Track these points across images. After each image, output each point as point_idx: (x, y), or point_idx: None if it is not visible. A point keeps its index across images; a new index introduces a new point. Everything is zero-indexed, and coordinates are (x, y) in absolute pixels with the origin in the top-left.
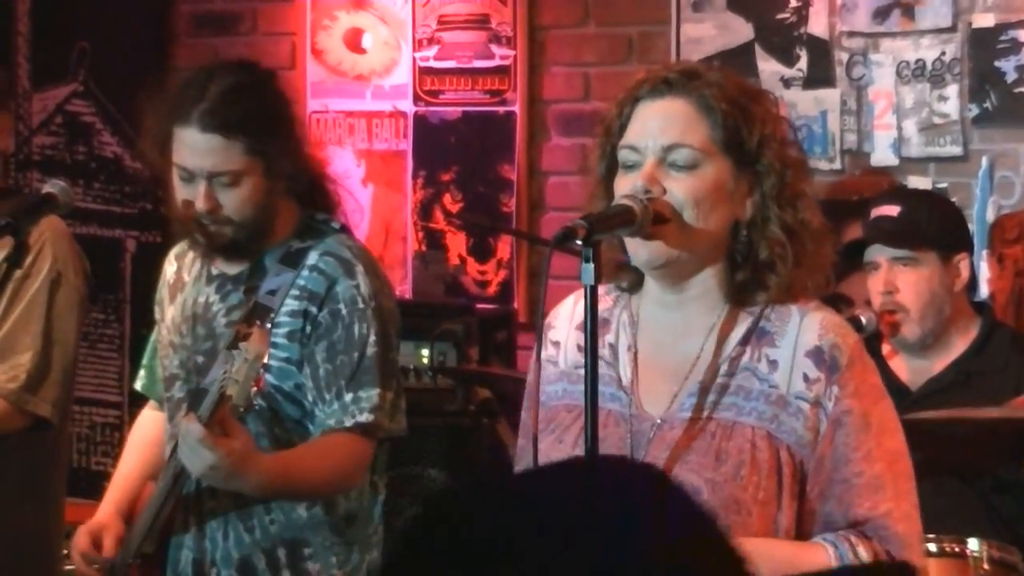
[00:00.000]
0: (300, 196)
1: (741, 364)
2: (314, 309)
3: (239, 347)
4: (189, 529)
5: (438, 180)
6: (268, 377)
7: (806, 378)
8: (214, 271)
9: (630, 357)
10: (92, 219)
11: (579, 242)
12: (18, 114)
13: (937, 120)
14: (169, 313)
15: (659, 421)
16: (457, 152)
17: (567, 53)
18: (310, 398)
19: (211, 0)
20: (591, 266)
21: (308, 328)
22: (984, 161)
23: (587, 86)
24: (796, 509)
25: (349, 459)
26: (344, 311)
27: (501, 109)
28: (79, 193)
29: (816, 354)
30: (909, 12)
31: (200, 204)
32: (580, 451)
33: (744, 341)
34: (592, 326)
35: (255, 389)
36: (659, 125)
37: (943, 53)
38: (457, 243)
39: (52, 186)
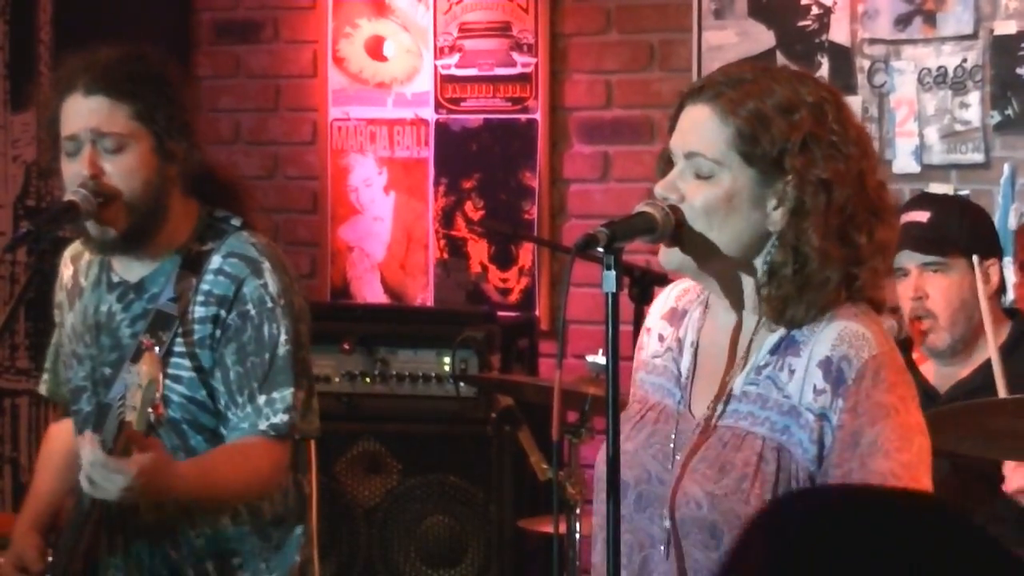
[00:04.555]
0: (201, 195)
1: (766, 372)
2: (223, 312)
3: (131, 372)
4: (116, 551)
5: (460, 188)
6: (180, 388)
7: (815, 389)
8: (114, 278)
9: (691, 353)
10: None
11: (600, 249)
12: (40, 122)
13: (959, 127)
14: (69, 320)
15: (697, 425)
16: (479, 160)
17: (589, 60)
18: (223, 402)
19: (233, 8)
20: (612, 273)
21: (218, 332)
22: (1006, 168)
23: (609, 93)
24: None
25: (265, 463)
26: (253, 311)
27: (523, 117)
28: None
29: (825, 365)
30: (931, 19)
31: (83, 167)
32: (631, 443)
33: (774, 350)
34: (614, 334)
35: (154, 414)
36: (685, 131)
37: (965, 60)
38: (479, 251)
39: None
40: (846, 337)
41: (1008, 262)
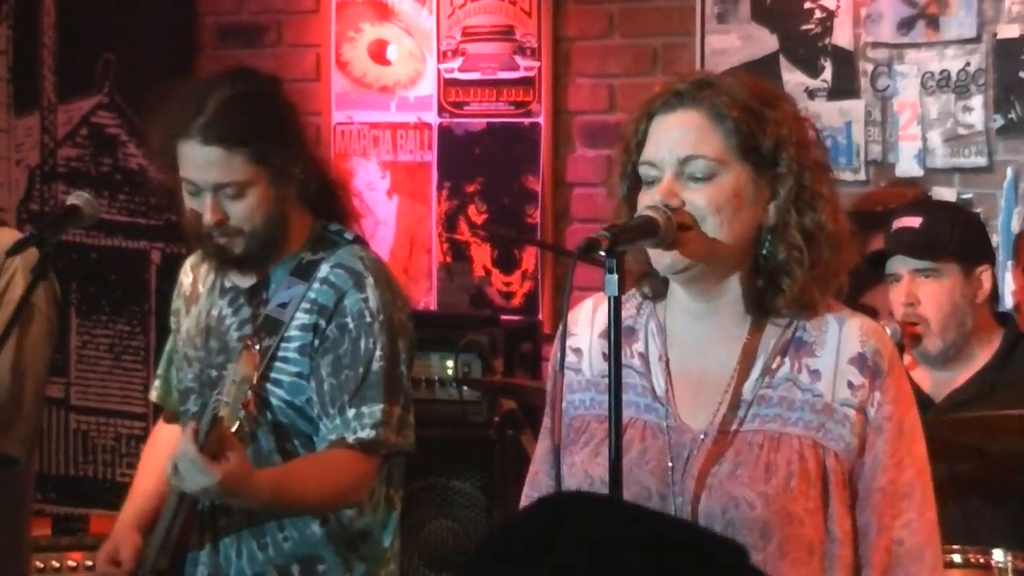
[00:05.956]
0: (314, 205)
1: (781, 375)
2: (323, 322)
3: (228, 368)
4: (204, 546)
5: (463, 191)
6: (280, 392)
7: (851, 385)
8: (227, 284)
9: (662, 367)
10: (117, 231)
11: (602, 253)
12: (43, 126)
13: (962, 131)
14: (184, 325)
15: (703, 435)
16: (482, 163)
17: (592, 64)
18: (315, 411)
19: (236, 12)
20: (615, 277)
21: (316, 342)
22: (1009, 172)
23: (612, 97)
24: (866, 517)
25: (349, 475)
26: (351, 325)
27: (526, 120)
28: (104, 205)
29: (860, 360)
30: (934, 23)
31: (207, 217)
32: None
33: (782, 352)
34: (616, 337)
35: (243, 411)
36: (673, 138)
37: (968, 64)
38: (482, 254)
39: (77, 198)
40: (869, 332)
41: (1009, 266)
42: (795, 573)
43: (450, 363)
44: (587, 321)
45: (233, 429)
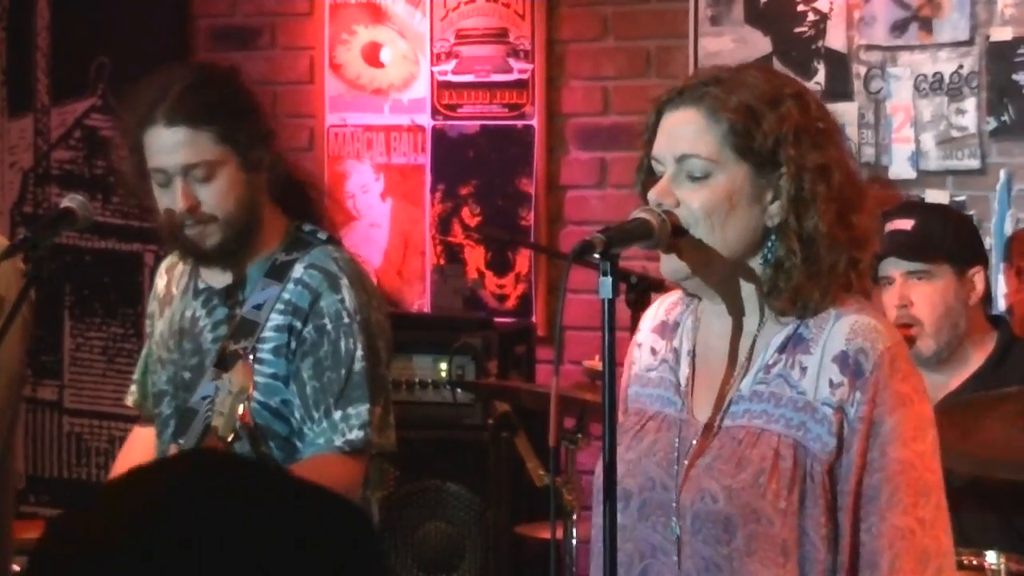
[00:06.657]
0: (288, 205)
1: (776, 371)
2: (299, 324)
3: (223, 379)
4: None
5: (457, 194)
6: (255, 394)
7: (831, 383)
8: (200, 285)
9: (688, 362)
10: (111, 233)
11: (597, 256)
12: (37, 128)
13: (955, 133)
14: (159, 327)
15: (703, 427)
16: (475, 166)
17: (586, 67)
18: (298, 416)
19: (230, 15)
20: (609, 280)
21: (293, 343)
22: (1002, 174)
23: (606, 100)
24: (839, 520)
25: (340, 480)
26: (329, 326)
27: (520, 123)
28: (98, 207)
29: (841, 359)
30: (927, 25)
31: (179, 203)
32: (632, 453)
33: (782, 348)
34: (611, 341)
35: (240, 422)
36: (672, 136)
37: (961, 66)
38: (476, 257)
39: (71, 200)
40: (859, 330)
41: (1002, 268)
42: (766, 573)
43: (444, 365)
44: (649, 317)
45: (229, 439)
